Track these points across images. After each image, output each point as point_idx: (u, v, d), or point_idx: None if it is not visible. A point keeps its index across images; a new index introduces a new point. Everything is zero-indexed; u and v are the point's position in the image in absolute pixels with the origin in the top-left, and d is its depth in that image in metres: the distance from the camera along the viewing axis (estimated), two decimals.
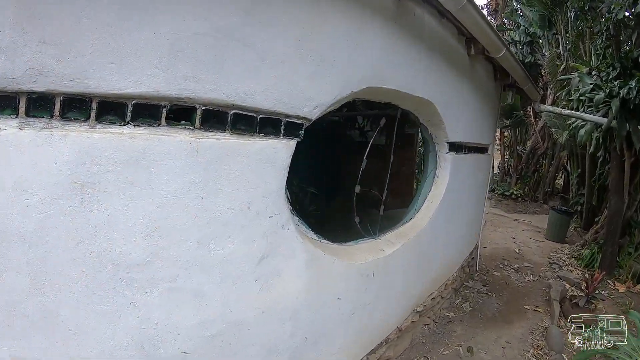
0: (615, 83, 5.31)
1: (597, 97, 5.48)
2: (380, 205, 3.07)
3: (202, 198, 1.61)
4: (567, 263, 6.73)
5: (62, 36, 1.29)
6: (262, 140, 1.78)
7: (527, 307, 4.86)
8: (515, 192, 11.81)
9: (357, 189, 2.75)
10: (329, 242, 2.39)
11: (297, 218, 2.13)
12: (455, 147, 3.82)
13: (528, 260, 6.80)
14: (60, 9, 1.27)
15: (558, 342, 3.84)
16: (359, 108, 5.04)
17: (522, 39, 11.31)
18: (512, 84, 5.22)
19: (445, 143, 3.58)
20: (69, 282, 1.40)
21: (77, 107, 1.38)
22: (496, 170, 13.93)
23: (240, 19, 1.61)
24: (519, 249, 7.35)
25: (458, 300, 4.78)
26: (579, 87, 6.16)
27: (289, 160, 1.91)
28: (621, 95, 5.12)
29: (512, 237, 8.16)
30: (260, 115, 1.76)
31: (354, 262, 2.47)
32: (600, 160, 7.22)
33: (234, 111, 1.67)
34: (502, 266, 6.35)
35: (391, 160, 3.09)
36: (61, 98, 1.35)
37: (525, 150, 12.26)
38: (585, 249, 6.83)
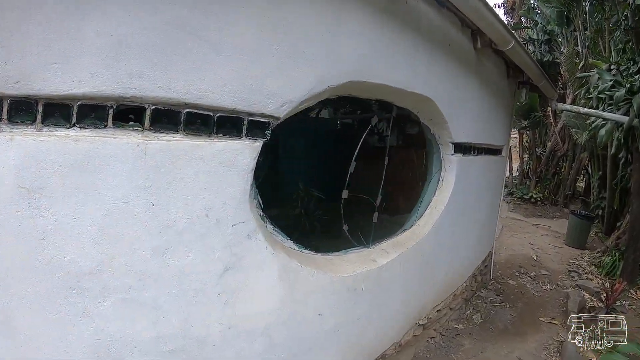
0: (636, 77, 5.00)
1: (617, 94, 5.17)
2: (374, 212, 2.87)
3: (153, 204, 1.49)
4: (586, 271, 6.38)
5: (7, 38, 1.24)
6: (220, 141, 1.64)
7: (542, 318, 4.58)
8: (534, 196, 11.43)
9: (345, 194, 2.56)
10: (312, 252, 2.21)
11: (271, 226, 1.98)
12: (462, 149, 3.60)
13: (546, 267, 6.47)
14: (6, 11, 1.22)
15: (574, 358, 3.57)
16: (373, 109, 4.87)
17: (539, 37, 10.98)
18: (526, 81, 4.94)
19: (450, 144, 3.36)
20: (22, 289, 1.34)
21: (24, 109, 1.32)
22: (515, 173, 13.56)
23: (192, 9, 1.48)
24: (537, 256, 7.02)
25: (469, 311, 4.53)
26: (598, 84, 5.87)
27: (254, 163, 1.76)
28: None
29: (530, 243, 7.82)
30: (218, 114, 1.62)
31: (340, 275, 2.28)
32: (622, 162, 6.86)
33: (187, 110, 1.54)
34: (518, 274, 6.05)
35: (386, 163, 2.88)
36: (8, 101, 1.30)
37: (544, 152, 11.84)
38: (606, 256, 6.47)
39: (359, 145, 2.57)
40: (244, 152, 1.71)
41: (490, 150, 4.63)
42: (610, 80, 5.63)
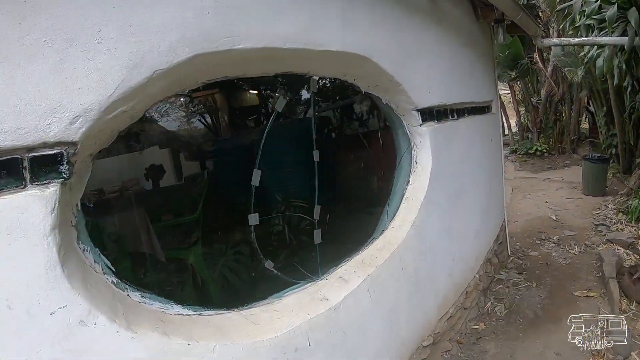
0: None
1: (608, 13, 4.39)
2: (317, 229, 2.07)
3: None
4: (614, 221, 5.57)
5: None
6: None
7: (577, 293, 3.82)
8: (539, 148, 10.73)
9: (253, 219, 1.76)
10: (220, 311, 1.48)
11: (138, 293, 1.27)
12: (433, 115, 2.83)
13: (569, 226, 5.71)
14: None
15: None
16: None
17: None
18: (500, 18, 4.13)
19: (414, 112, 2.60)
20: None
21: None
22: (515, 129, 12.83)
23: None
24: (556, 215, 6.24)
25: (489, 303, 3.78)
26: (584, 10, 5.09)
27: (53, 218, 1.09)
28: None
29: (546, 202, 7.03)
30: None
31: (263, 338, 1.53)
32: (628, 91, 6.04)
33: None
34: (539, 242, 5.28)
35: (316, 160, 2.02)
36: None
37: (540, 100, 11.03)
38: (633, 199, 5.67)
39: (261, 145, 1.80)
40: (31, 207, 1.06)
41: (476, 110, 3.86)
42: (596, 1, 4.87)
